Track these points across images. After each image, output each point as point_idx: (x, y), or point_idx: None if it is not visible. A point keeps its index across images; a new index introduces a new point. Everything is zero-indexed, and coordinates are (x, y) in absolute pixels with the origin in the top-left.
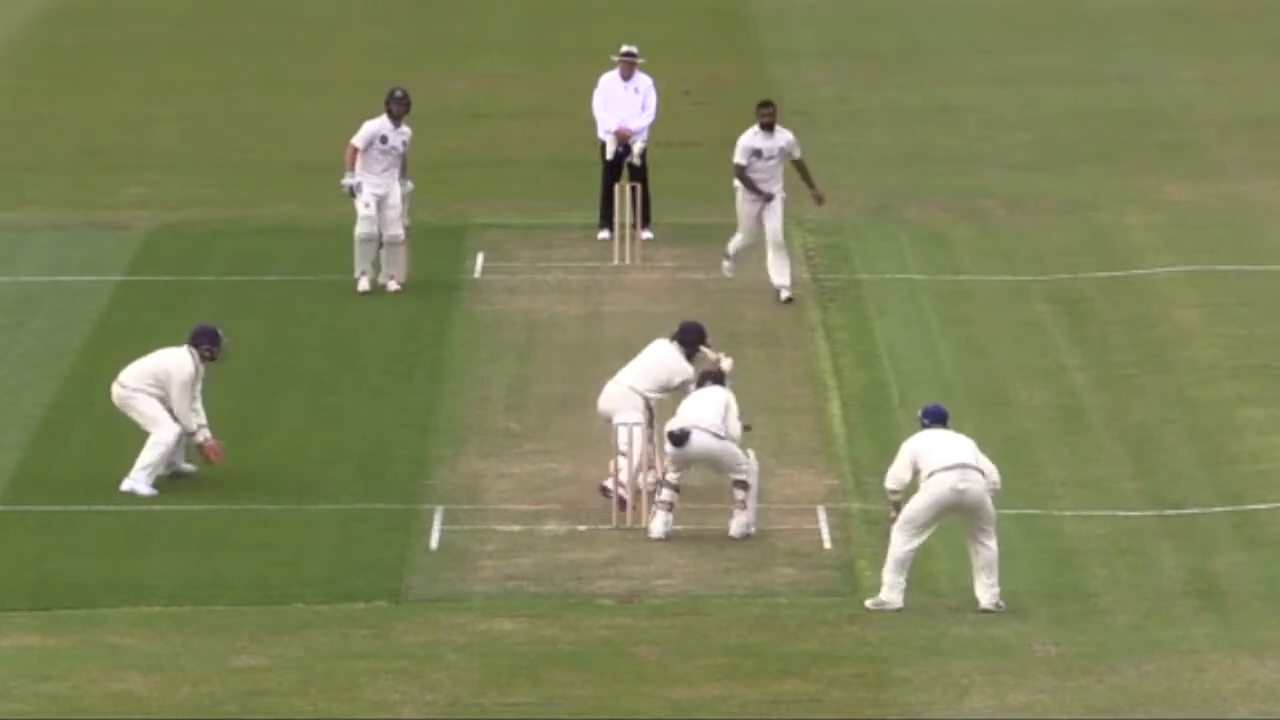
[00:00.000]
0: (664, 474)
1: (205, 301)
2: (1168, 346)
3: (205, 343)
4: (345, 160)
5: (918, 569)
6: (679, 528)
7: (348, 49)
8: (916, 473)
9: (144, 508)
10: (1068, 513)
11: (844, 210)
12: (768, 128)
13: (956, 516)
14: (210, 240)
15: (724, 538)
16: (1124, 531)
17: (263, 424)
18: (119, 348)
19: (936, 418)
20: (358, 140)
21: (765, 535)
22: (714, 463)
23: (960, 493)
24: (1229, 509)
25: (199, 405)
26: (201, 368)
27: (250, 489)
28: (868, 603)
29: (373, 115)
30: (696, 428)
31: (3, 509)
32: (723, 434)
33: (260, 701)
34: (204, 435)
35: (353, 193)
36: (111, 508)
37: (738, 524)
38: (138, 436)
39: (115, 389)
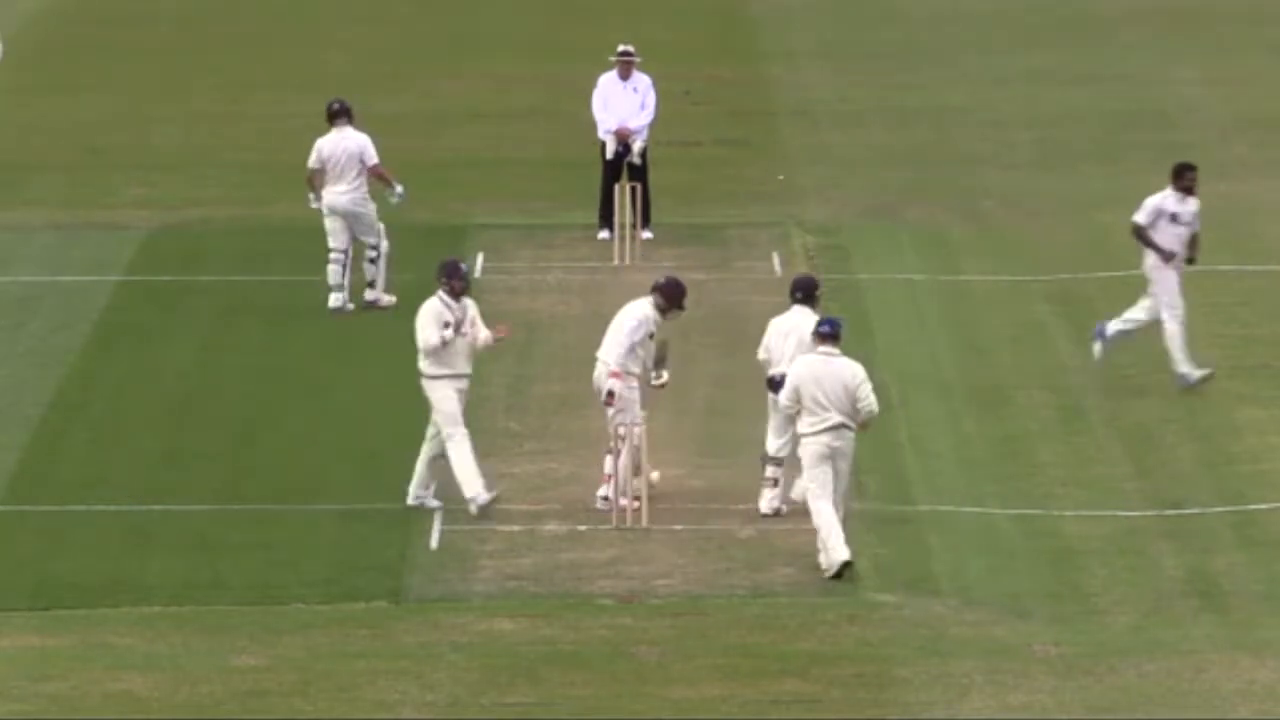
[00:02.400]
0: (767, 450)
1: (205, 301)
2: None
3: (443, 278)
4: (385, 176)
5: (917, 569)
6: (678, 527)
7: (347, 49)
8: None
9: (144, 508)
10: (1068, 513)
11: (844, 210)
12: (1187, 190)
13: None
14: (210, 240)
15: (724, 537)
16: (1124, 531)
17: (263, 424)
18: (119, 348)
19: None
20: (376, 157)
21: (765, 535)
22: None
23: (834, 449)
24: (1229, 509)
25: (479, 330)
26: (453, 303)
27: (250, 489)
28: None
29: (355, 126)
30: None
31: (3, 509)
32: None
33: (260, 701)
34: (484, 339)
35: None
36: (111, 508)
37: (766, 500)
38: (136, 437)
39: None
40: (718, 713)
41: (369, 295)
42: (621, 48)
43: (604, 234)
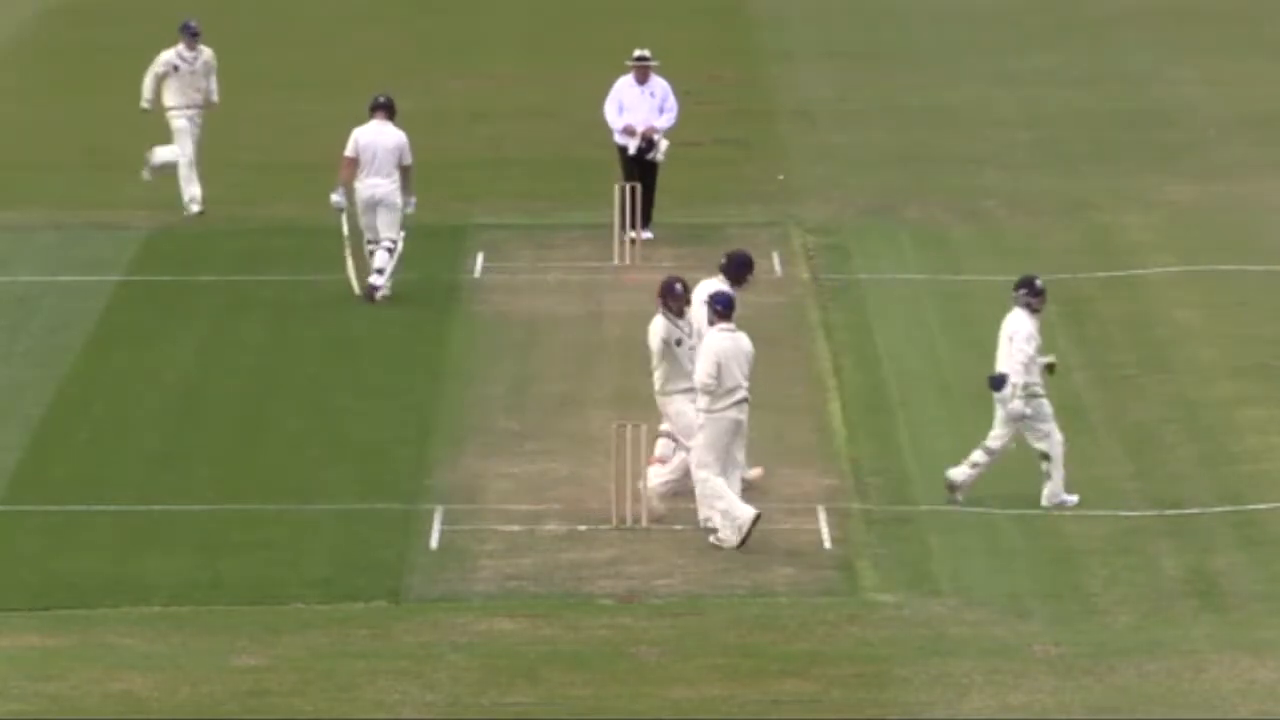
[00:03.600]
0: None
1: (205, 301)
2: (1168, 346)
3: (660, 298)
4: (408, 182)
5: (917, 569)
6: (679, 527)
7: (348, 49)
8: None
9: (144, 508)
10: (1068, 513)
11: (844, 210)
12: None
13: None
14: (210, 240)
15: None
16: (1124, 531)
17: (263, 424)
18: (119, 348)
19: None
20: (410, 159)
21: (765, 535)
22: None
23: (739, 423)
24: (1229, 509)
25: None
26: (679, 320)
27: (250, 489)
28: (712, 539)
29: (360, 121)
30: (1008, 376)
31: (3, 509)
32: (1020, 391)
33: (260, 701)
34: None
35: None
36: (111, 508)
37: (1045, 493)
38: (136, 437)
39: None
40: (718, 713)
41: (375, 280)
42: (637, 53)
43: (631, 234)
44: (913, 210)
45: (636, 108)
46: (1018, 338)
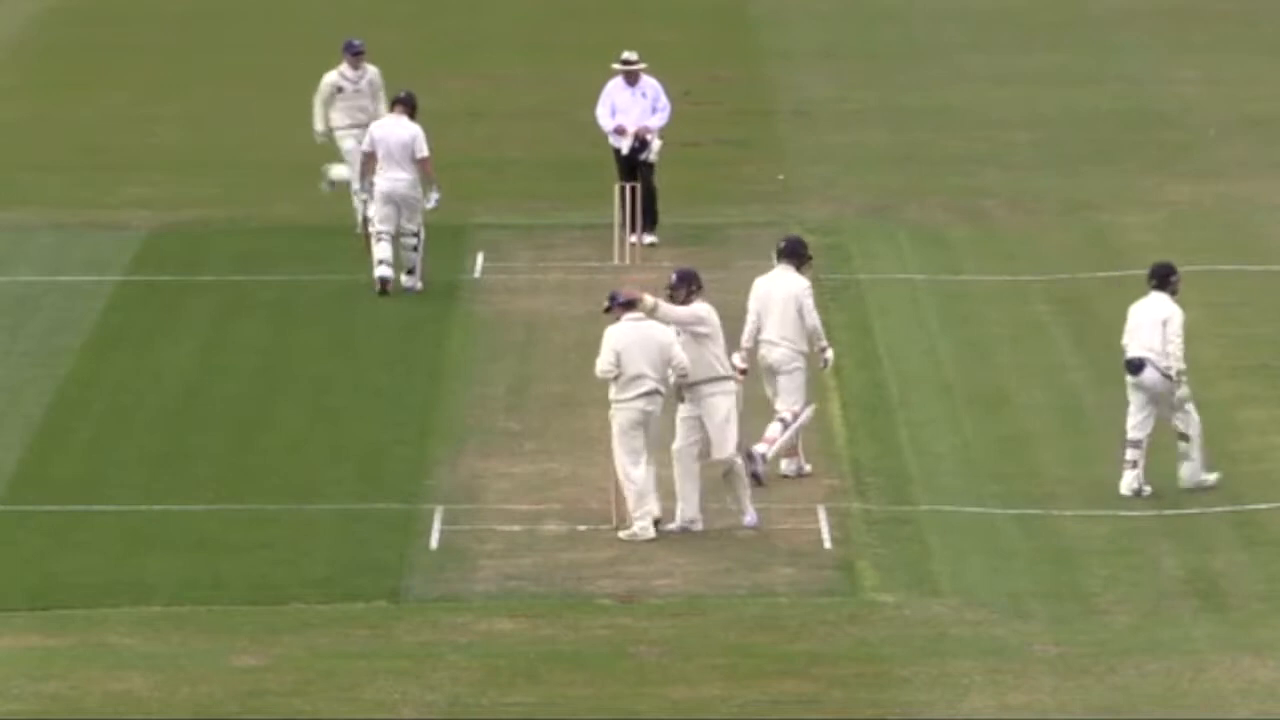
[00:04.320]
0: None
1: (205, 301)
2: None
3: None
4: (429, 174)
5: (917, 569)
6: (672, 527)
7: None
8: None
9: (144, 508)
10: (1068, 513)
11: (844, 210)
12: None
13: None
14: (210, 240)
15: (724, 537)
16: (1124, 531)
17: (263, 424)
18: (119, 348)
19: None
20: (425, 150)
21: (765, 535)
22: (1157, 401)
23: (648, 414)
24: (1229, 509)
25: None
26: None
27: (250, 489)
28: (622, 534)
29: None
30: (1149, 360)
31: (3, 509)
32: (1171, 374)
33: (260, 701)
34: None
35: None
36: (111, 508)
37: (1186, 472)
38: (136, 437)
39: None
40: (718, 713)
41: (406, 281)
42: (624, 56)
43: (632, 238)
44: (912, 210)
45: (629, 110)
46: (1173, 324)
